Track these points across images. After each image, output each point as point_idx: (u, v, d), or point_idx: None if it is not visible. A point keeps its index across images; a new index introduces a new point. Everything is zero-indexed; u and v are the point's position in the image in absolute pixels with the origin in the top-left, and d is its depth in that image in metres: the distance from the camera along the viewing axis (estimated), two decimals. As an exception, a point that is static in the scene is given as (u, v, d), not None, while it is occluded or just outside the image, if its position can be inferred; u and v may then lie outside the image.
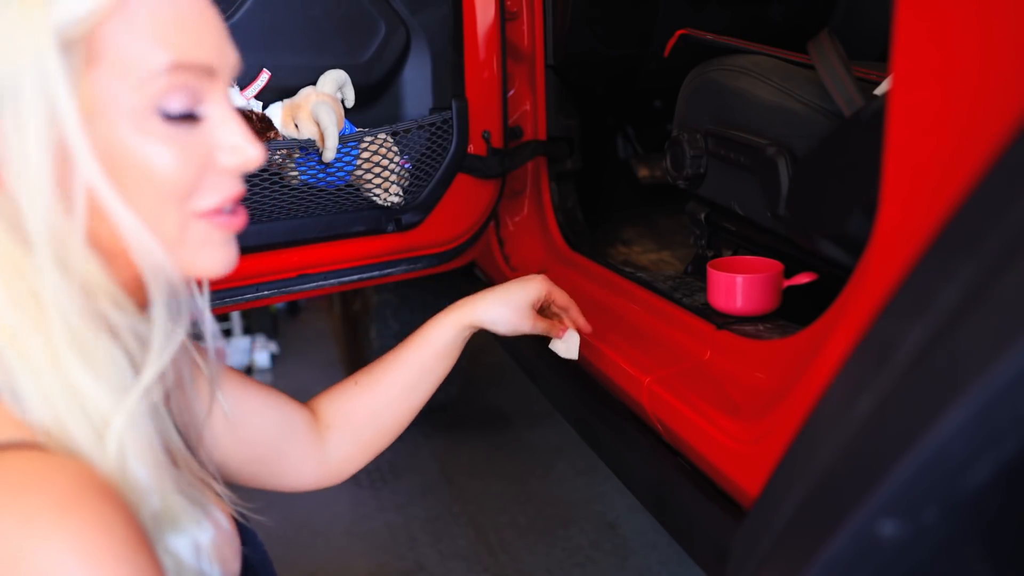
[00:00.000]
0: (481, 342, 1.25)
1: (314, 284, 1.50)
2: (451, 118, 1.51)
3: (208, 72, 0.60)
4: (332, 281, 1.52)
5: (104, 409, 0.59)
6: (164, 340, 0.62)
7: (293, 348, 3.17)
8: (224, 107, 0.62)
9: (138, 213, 0.59)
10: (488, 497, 2.21)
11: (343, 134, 1.36)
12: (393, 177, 1.46)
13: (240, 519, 0.79)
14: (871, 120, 0.92)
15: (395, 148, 1.45)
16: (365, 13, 1.46)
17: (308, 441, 0.96)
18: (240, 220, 0.65)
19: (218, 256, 0.64)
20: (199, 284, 0.72)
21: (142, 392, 0.61)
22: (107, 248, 0.61)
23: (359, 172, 1.42)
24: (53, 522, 0.52)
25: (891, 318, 0.60)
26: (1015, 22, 0.56)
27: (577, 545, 2.01)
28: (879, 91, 1.04)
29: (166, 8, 0.58)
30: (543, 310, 1.16)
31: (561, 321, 1.17)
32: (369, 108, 1.50)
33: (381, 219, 1.51)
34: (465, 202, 1.61)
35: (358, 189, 1.46)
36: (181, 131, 0.60)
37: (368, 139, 1.40)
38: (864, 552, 0.56)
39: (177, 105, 0.59)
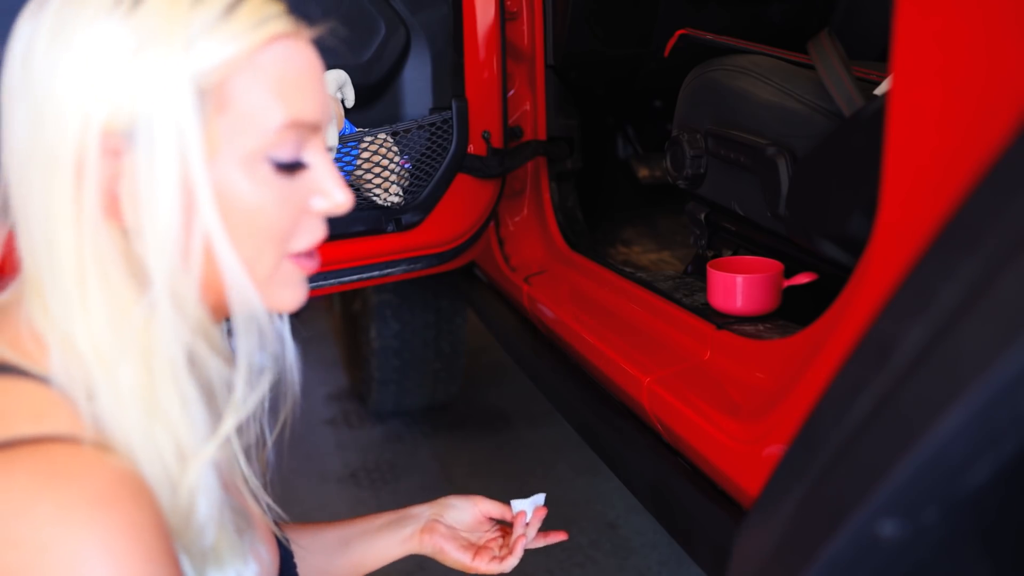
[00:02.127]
0: (481, 342, 1.25)
1: (314, 284, 1.50)
2: (451, 118, 1.51)
3: (315, 128, 0.64)
4: (332, 281, 1.52)
5: (185, 449, 0.60)
6: (247, 388, 0.64)
7: (293, 348, 3.16)
8: (323, 156, 0.65)
9: (240, 254, 0.62)
10: (488, 497, 2.21)
11: (343, 134, 1.36)
12: (393, 177, 1.46)
13: (282, 539, 0.80)
14: (871, 120, 0.91)
15: (395, 148, 1.45)
16: (365, 13, 1.46)
17: None
18: (317, 261, 0.68)
19: (295, 294, 0.67)
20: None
21: (223, 438, 0.63)
22: (204, 288, 0.63)
23: (359, 172, 1.42)
24: (85, 517, 0.53)
25: (891, 318, 0.60)
26: (1014, 22, 0.56)
27: (577, 545, 2.01)
28: (879, 91, 1.04)
29: (288, 67, 0.62)
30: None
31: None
32: (369, 108, 1.50)
33: (381, 219, 1.51)
34: (465, 202, 1.61)
35: (358, 189, 1.46)
36: (286, 179, 0.63)
37: (368, 139, 1.40)
38: (864, 552, 0.56)
39: (286, 156, 0.62)
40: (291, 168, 0.63)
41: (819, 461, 0.63)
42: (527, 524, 1.01)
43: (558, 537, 1.05)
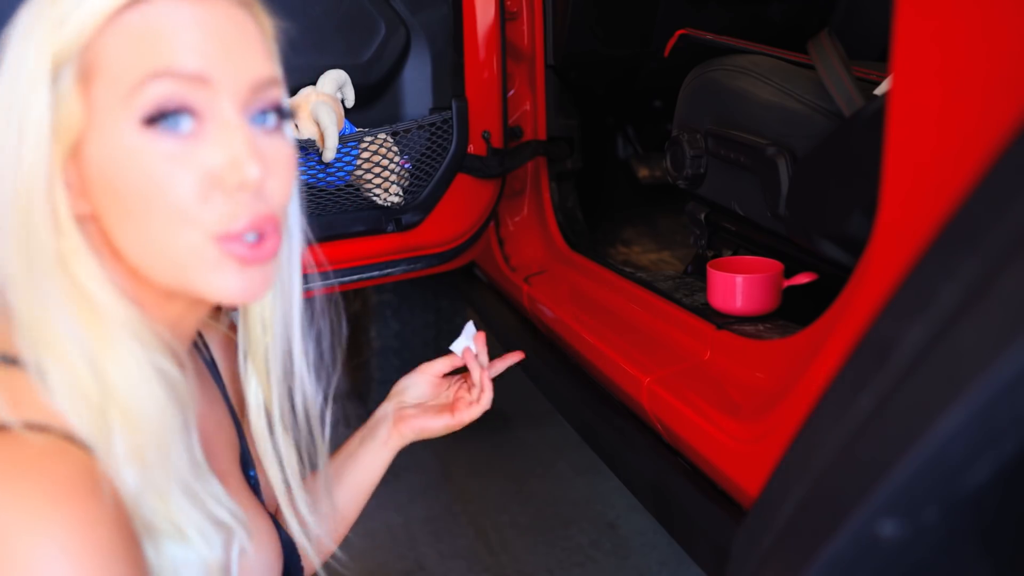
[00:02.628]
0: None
1: (314, 284, 1.50)
2: (451, 118, 1.51)
3: (200, 80, 0.60)
4: (332, 281, 1.52)
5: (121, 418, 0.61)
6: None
7: (293, 348, 3.16)
8: (226, 122, 0.61)
9: (144, 233, 0.61)
10: (488, 497, 2.21)
11: (343, 134, 1.36)
12: (393, 177, 1.46)
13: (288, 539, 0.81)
14: (871, 120, 0.91)
15: (395, 148, 1.45)
16: (365, 13, 1.46)
17: None
18: (261, 253, 0.63)
19: (232, 283, 0.62)
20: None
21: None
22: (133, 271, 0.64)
23: (359, 172, 1.42)
24: (42, 509, 0.54)
25: (891, 318, 0.60)
26: (1014, 22, 0.56)
27: (577, 545, 2.01)
28: (879, 91, 1.04)
29: (157, 21, 0.60)
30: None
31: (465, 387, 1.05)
32: (369, 108, 1.50)
33: (381, 219, 1.51)
34: (465, 202, 1.61)
35: (358, 189, 1.46)
36: (176, 147, 0.60)
37: (368, 139, 1.40)
38: (864, 552, 0.56)
39: (167, 116, 0.59)
40: (159, 121, 0.59)
41: (819, 461, 0.63)
42: (476, 357, 1.03)
43: (515, 357, 1.09)
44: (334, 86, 1.39)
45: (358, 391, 2.63)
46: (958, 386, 0.49)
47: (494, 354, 1.09)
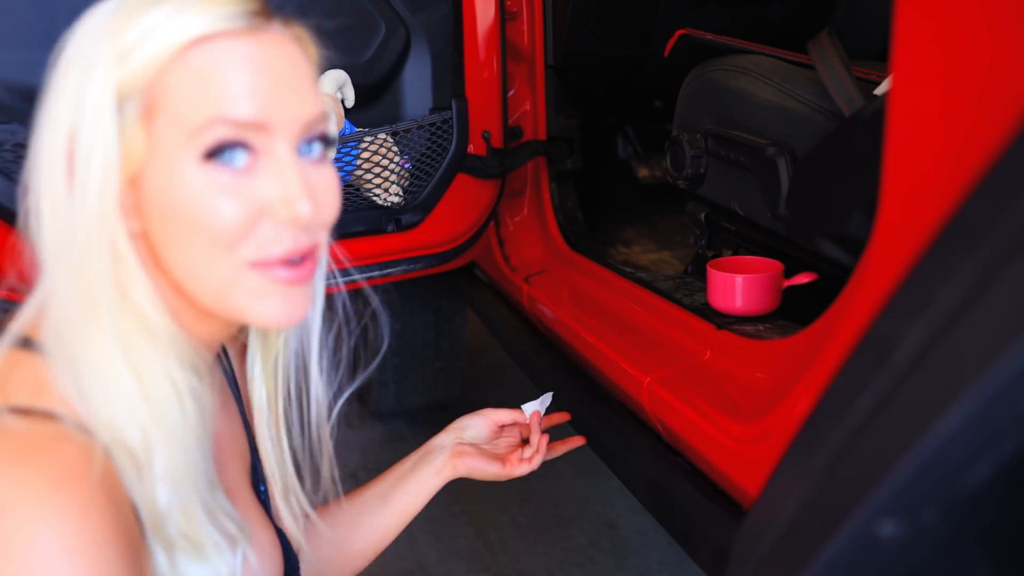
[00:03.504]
0: (481, 342, 1.25)
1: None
2: (451, 118, 1.51)
3: (258, 127, 0.62)
4: (332, 281, 1.52)
5: (151, 437, 0.62)
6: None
7: (293, 348, 3.16)
8: (281, 160, 0.63)
9: (190, 257, 0.63)
10: (488, 497, 2.21)
11: (343, 134, 1.36)
12: (393, 177, 1.46)
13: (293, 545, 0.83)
14: (871, 120, 0.91)
15: (395, 148, 1.45)
16: (365, 13, 1.46)
17: None
18: (301, 274, 0.66)
19: (273, 308, 0.65)
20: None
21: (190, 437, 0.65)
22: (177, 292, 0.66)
23: (359, 172, 1.42)
24: (41, 493, 0.56)
25: (891, 318, 0.60)
26: (1014, 22, 0.56)
27: (577, 545, 2.01)
28: (879, 91, 1.04)
29: (217, 65, 0.62)
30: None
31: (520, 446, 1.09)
32: (369, 108, 1.50)
33: (381, 219, 1.51)
34: (465, 202, 1.61)
35: (358, 189, 1.46)
36: (231, 181, 0.62)
37: (368, 139, 1.40)
38: (864, 552, 0.56)
39: (224, 151, 0.62)
40: (234, 170, 0.62)
41: (819, 461, 0.63)
42: (540, 423, 1.07)
43: (577, 442, 1.12)
44: (334, 86, 1.39)
45: (358, 392, 2.63)
46: (958, 386, 0.49)
47: (494, 353, 1.09)
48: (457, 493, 2.24)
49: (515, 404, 1.11)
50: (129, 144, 0.62)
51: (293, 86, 0.64)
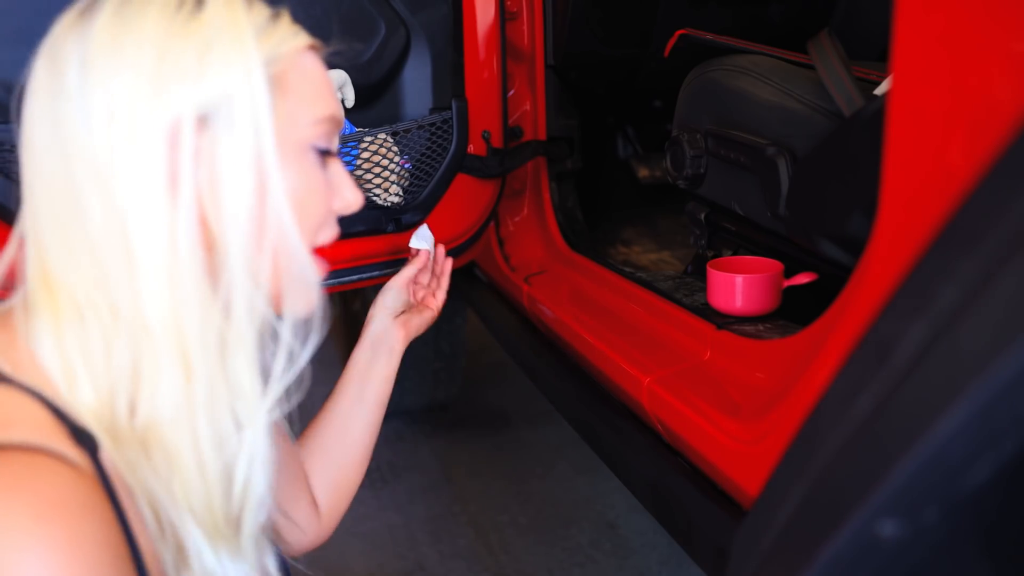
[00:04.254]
0: (481, 342, 1.25)
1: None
2: (451, 118, 1.51)
3: (337, 125, 0.69)
4: (332, 281, 1.52)
5: (242, 420, 0.64)
6: (288, 362, 0.67)
7: (293, 348, 3.15)
8: (337, 163, 0.70)
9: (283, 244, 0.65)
10: (488, 497, 2.21)
11: (343, 134, 1.36)
12: (393, 177, 1.46)
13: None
14: (871, 120, 0.91)
15: (395, 148, 1.45)
16: (365, 13, 1.46)
17: (308, 499, 0.97)
18: (325, 265, 0.70)
19: (304, 297, 0.68)
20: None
21: (269, 409, 0.66)
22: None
23: (359, 172, 1.42)
24: (26, 528, 0.53)
25: (891, 318, 0.60)
26: (1015, 22, 0.56)
27: (577, 545, 2.01)
28: (879, 91, 1.04)
29: (318, 71, 0.68)
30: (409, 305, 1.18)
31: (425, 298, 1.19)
32: (369, 108, 1.50)
33: (381, 219, 1.51)
34: (465, 202, 1.61)
35: (358, 189, 1.45)
36: (323, 171, 0.68)
37: (368, 139, 1.40)
38: (864, 552, 0.56)
39: (324, 146, 0.67)
40: (325, 156, 0.68)
41: (819, 461, 0.63)
42: (431, 251, 1.19)
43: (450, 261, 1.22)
44: (334, 86, 1.39)
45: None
46: (958, 386, 0.49)
47: (494, 353, 1.10)
48: (457, 493, 2.24)
49: (515, 404, 1.13)
50: None
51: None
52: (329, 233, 0.70)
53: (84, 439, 0.60)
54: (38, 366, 0.61)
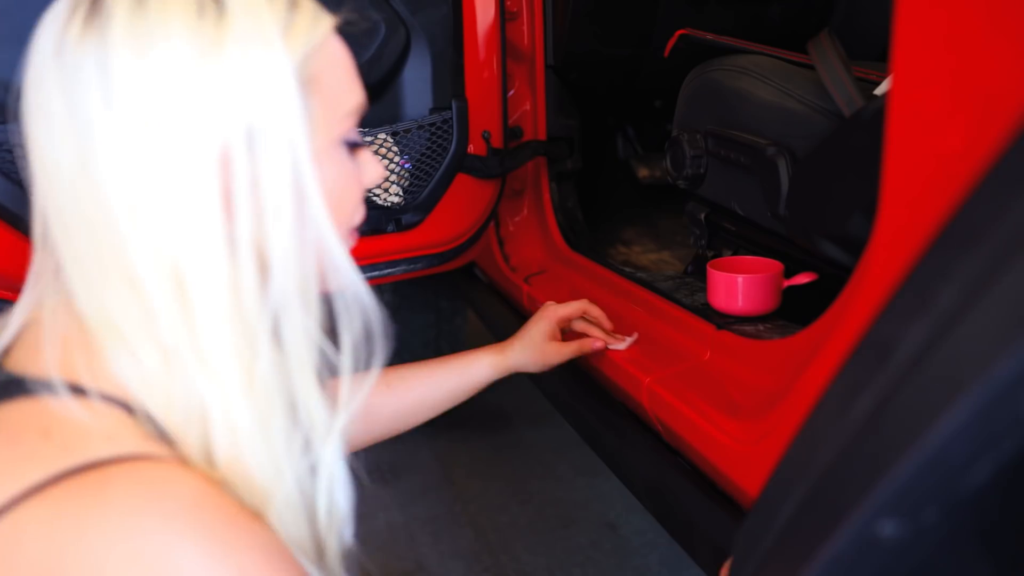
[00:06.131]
0: (481, 342, 1.25)
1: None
2: (451, 118, 1.51)
3: (362, 113, 0.67)
4: (332, 281, 1.52)
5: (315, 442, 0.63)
6: (352, 383, 0.66)
7: (293, 348, 3.15)
8: (362, 148, 0.69)
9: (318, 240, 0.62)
10: (488, 497, 2.21)
11: (343, 134, 1.36)
12: (393, 177, 1.46)
13: None
14: (871, 120, 0.91)
15: (395, 148, 1.45)
16: (365, 13, 1.46)
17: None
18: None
19: (348, 280, 0.65)
20: None
21: (340, 431, 0.65)
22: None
23: (359, 172, 1.42)
24: (186, 523, 0.52)
25: (891, 318, 0.60)
26: (1015, 22, 0.56)
27: (577, 545, 2.01)
28: (879, 91, 1.04)
29: (345, 54, 0.65)
30: (568, 330, 1.23)
31: (587, 335, 1.24)
32: (369, 108, 1.49)
33: (381, 219, 1.51)
34: (465, 202, 1.61)
35: (358, 189, 1.46)
36: (353, 160, 0.66)
37: (368, 139, 1.40)
38: (864, 552, 0.56)
39: (353, 136, 0.66)
40: (355, 147, 0.67)
41: (819, 461, 0.63)
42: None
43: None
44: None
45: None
46: (958, 386, 0.49)
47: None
48: (457, 493, 2.24)
49: (515, 404, 1.16)
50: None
51: None
52: (361, 213, 0.70)
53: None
54: (116, 383, 0.59)
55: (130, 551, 0.51)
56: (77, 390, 0.57)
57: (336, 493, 0.65)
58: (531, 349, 1.17)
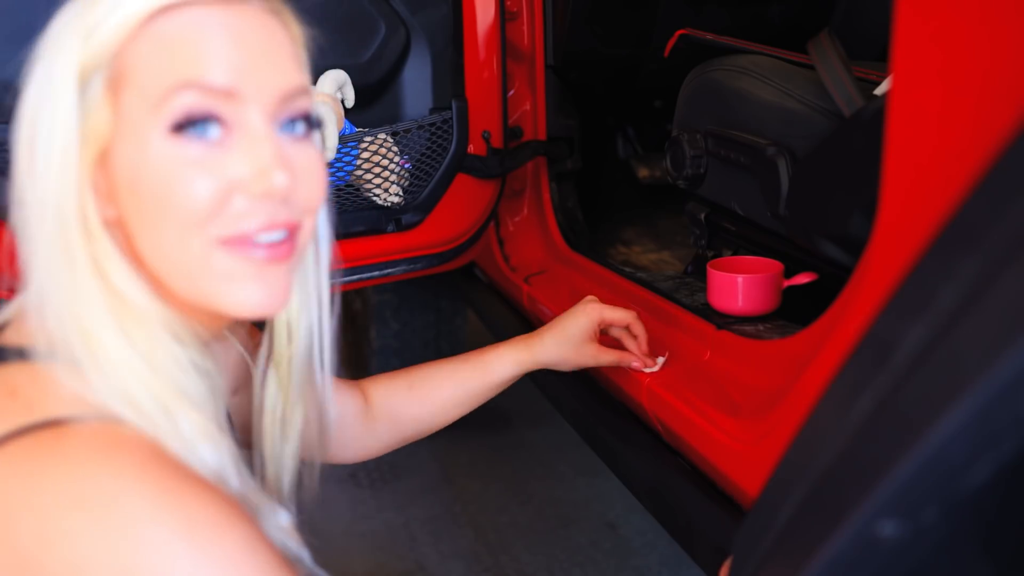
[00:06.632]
0: (482, 342, 1.25)
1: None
2: (451, 118, 1.51)
3: (228, 95, 0.60)
4: (332, 281, 1.51)
5: (171, 401, 0.62)
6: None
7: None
8: (255, 132, 0.61)
9: (161, 239, 0.61)
10: (488, 497, 2.21)
11: (343, 134, 1.36)
12: (393, 177, 1.46)
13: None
14: (871, 120, 0.91)
15: (395, 148, 1.45)
16: (365, 13, 1.46)
17: (357, 427, 1.00)
18: (280, 251, 0.63)
19: (249, 292, 0.62)
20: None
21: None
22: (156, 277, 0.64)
23: (359, 172, 1.42)
24: (137, 476, 0.56)
25: (891, 318, 0.60)
26: (1015, 22, 0.56)
27: (577, 545, 2.01)
28: (879, 91, 1.04)
29: (185, 31, 0.60)
30: (604, 331, 1.17)
31: (624, 346, 1.17)
32: (369, 108, 1.50)
33: (381, 219, 1.51)
34: (465, 202, 1.61)
35: (358, 189, 1.46)
36: (202, 154, 0.60)
37: (368, 139, 1.40)
38: (864, 552, 0.56)
39: (195, 123, 0.60)
40: (186, 128, 0.59)
41: (819, 461, 0.63)
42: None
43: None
44: (334, 86, 1.39)
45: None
46: (958, 386, 0.49)
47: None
48: (457, 493, 2.24)
49: (515, 404, 1.15)
50: (95, 120, 0.60)
51: (268, 56, 0.62)
52: (241, 220, 0.61)
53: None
54: None
55: (78, 497, 0.54)
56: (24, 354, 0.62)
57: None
58: (567, 346, 1.09)
